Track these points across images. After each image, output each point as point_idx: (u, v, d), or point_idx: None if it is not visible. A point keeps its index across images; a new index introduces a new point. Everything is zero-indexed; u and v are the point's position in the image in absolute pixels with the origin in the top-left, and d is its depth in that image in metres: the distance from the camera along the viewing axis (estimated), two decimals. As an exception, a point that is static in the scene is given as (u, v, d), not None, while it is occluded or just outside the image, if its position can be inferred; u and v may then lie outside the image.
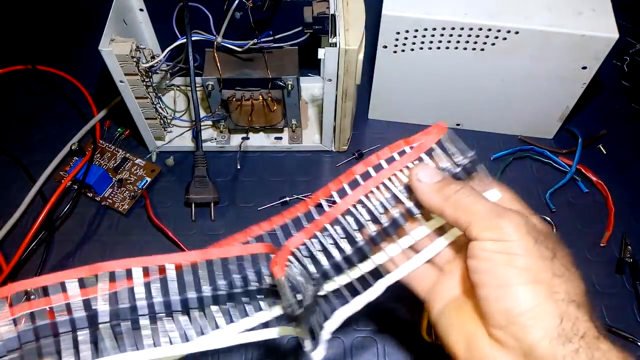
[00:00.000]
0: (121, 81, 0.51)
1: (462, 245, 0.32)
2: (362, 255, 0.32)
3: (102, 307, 0.28)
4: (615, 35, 0.49)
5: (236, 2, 0.48)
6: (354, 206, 0.32)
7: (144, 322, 0.29)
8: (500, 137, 0.63)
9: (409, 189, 0.32)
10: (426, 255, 0.32)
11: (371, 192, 0.32)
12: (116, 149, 0.62)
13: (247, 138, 0.60)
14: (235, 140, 0.61)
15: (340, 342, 0.50)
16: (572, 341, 0.26)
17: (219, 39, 0.51)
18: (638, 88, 0.67)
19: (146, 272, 0.30)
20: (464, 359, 0.29)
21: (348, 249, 0.32)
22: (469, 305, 0.30)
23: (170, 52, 0.51)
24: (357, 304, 0.32)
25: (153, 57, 0.52)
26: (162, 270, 0.30)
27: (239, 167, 0.59)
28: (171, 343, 0.30)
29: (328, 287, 0.33)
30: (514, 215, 0.28)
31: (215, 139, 0.61)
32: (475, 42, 0.52)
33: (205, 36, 0.51)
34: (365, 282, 0.32)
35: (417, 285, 0.33)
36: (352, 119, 0.58)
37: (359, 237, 0.32)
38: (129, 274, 0.29)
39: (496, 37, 0.51)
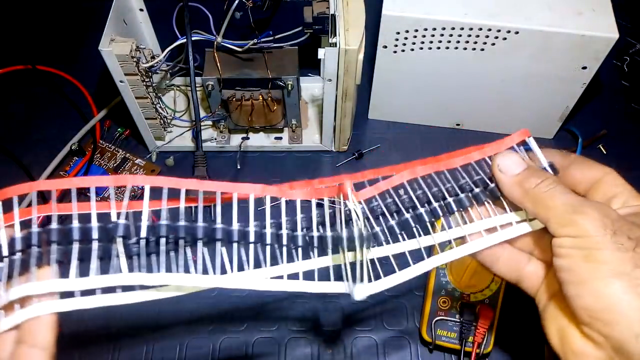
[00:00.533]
0: (121, 81, 0.51)
1: None
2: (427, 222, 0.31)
3: (122, 221, 0.27)
4: (615, 35, 0.49)
5: (236, 2, 0.48)
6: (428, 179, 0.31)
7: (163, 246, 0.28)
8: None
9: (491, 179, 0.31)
10: (501, 236, 0.31)
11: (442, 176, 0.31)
12: (116, 149, 0.62)
13: (247, 138, 0.60)
14: (235, 140, 0.61)
15: (339, 342, 0.50)
16: None
17: (219, 39, 0.51)
18: (638, 88, 0.67)
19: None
20: (558, 351, 0.29)
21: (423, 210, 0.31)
22: (563, 299, 0.29)
23: (170, 52, 0.51)
24: (426, 264, 0.31)
25: (153, 57, 0.52)
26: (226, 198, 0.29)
27: (239, 167, 0.59)
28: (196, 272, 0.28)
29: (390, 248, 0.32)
30: (591, 209, 0.27)
31: (215, 139, 0.61)
32: (475, 42, 0.52)
33: (205, 36, 0.51)
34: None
35: (527, 284, 0.33)
36: (352, 119, 0.58)
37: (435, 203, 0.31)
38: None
39: (496, 37, 0.51)
